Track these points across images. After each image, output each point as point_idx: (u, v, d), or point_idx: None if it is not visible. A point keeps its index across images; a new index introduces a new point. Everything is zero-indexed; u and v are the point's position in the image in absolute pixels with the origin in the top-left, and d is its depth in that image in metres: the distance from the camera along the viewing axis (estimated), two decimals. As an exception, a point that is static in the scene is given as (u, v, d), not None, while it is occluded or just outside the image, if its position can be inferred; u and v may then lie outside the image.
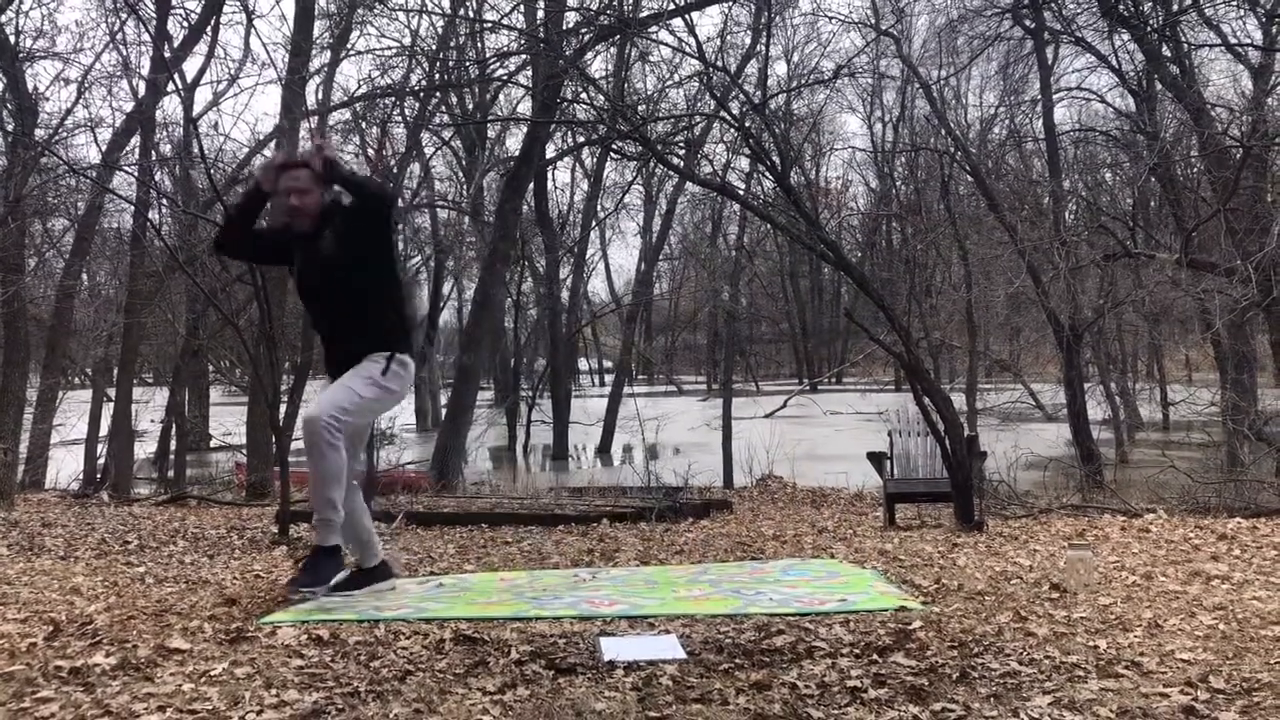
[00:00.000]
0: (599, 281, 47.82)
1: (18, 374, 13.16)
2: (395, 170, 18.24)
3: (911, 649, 3.09)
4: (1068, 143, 18.52)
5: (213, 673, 2.87)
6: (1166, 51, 13.21)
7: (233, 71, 18.38)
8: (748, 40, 19.67)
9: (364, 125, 18.91)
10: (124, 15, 15.08)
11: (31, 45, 14.43)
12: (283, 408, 13.35)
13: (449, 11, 17.73)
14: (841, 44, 34.71)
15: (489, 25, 17.51)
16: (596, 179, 27.19)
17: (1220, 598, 3.81)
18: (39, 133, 13.81)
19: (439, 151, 24.44)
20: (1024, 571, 4.45)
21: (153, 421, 18.79)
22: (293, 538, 6.49)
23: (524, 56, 15.19)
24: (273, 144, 16.11)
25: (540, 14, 15.77)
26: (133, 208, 14.48)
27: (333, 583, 4.03)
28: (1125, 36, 13.93)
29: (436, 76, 16.87)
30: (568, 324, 25.83)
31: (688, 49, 13.55)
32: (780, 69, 28.16)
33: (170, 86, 14.87)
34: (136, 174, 14.01)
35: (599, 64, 20.61)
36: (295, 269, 4.14)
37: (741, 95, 11.86)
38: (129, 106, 15.56)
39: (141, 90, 15.17)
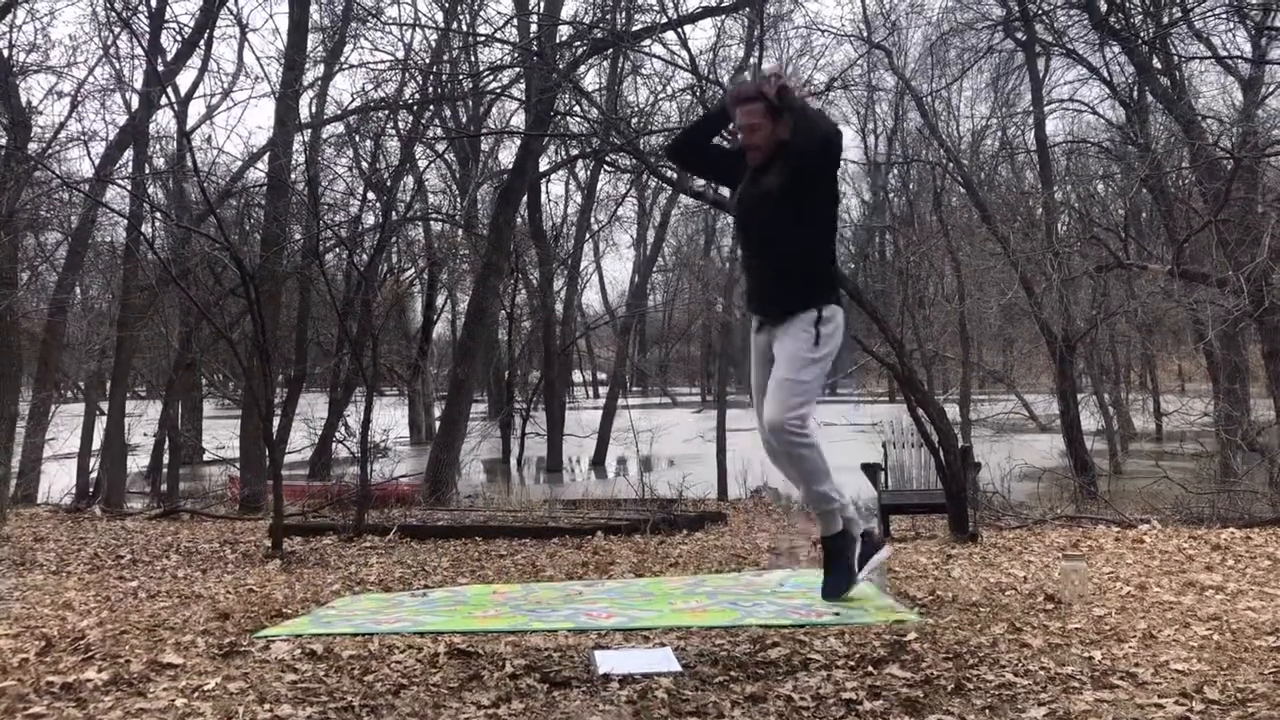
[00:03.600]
0: (593, 294, 47.71)
1: (10, 388, 13.11)
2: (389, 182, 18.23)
3: (906, 661, 3.09)
4: (1060, 154, 18.58)
5: (206, 688, 2.86)
6: (1157, 64, 13.27)
7: (226, 85, 18.35)
8: (741, 53, 19.74)
9: (357, 138, 18.91)
10: (117, 29, 15.11)
11: (25, 59, 14.42)
12: (276, 421, 13.30)
13: (442, 25, 17.77)
14: (835, 57, 34.82)
15: (482, 39, 17.55)
16: (590, 192, 27.21)
17: (1214, 608, 3.81)
18: (32, 146, 13.80)
19: (432, 164, 24.44)
20: (1018, 583, 4.45)
21: (145, 435, 18.68)
22: (286, 551, 6.47)
23: (517, 70, 15.20)
24: (266, 157, 16.09)
25: (534, 28, 15.82)
26: (126, 221, 14.45)
27: (867, 567, 3.95)
28: (1116, 49, 14.00)
29: (430, 90, 16.88)
30: (562, 336, 25.81)
31: (680, 62, 13.58)
32: (773, 82, 28.18)
33: (163, 100, 14.86)
34: (130, 188, 13.98)
35: (592, 77, 20.65)
36: (737, 194, 4.08)
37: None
38: (122, 120, 15.55)
39: (135, 104, 15.17)
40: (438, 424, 18.03)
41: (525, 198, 20.00)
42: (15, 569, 5.92)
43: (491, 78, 15.86)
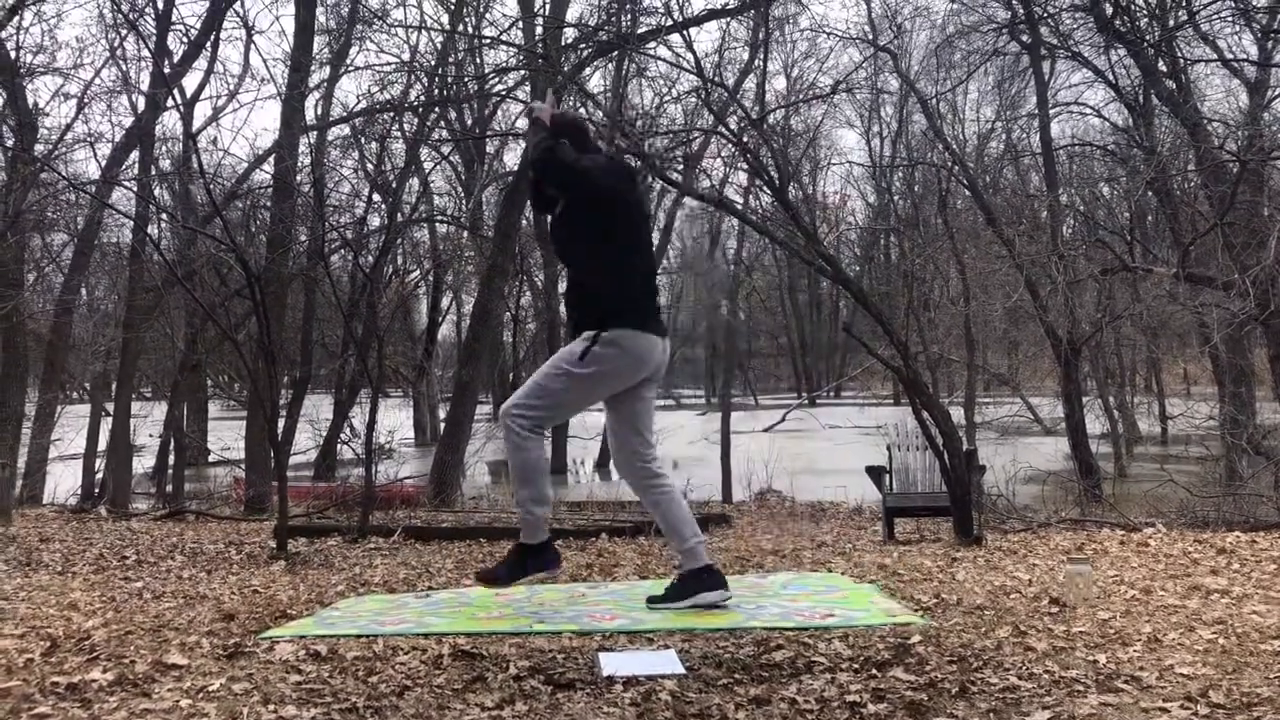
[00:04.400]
0: (597, 296, 47.88)
1: (16, 389, 13.16)
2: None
3: (910, 664, 3.09)
4: (1065, 157, 18.60)
5: (210, 688, 2.86)
6: (1163, 66, 13.26)
7: (232, 87, 18.42)
8: (746, 56, 19.76)
9: (363, 140, 18.95)
10: (124, 31, 15.15)
11: (32, 61, 14.49)
12: (281, 422, 13.33)
13: (448, 27, 17.81)
14: (840, 59, 34.81)
15: (488, 41, 17.59)
16: (595, 194, 27.17)
17: (1220, 612, 3.80)
18: (39, 148, 13.85)
19: (438, 166, 24.51)
20: (1023, 586, 4.44)
21: (151, 436, 18.75)
22: (291, 552, 6.48)
23: (523, 72, 15.23)
24: (271, 159, 16.13)
25: (539, 30, 15.84)
26: (132, 223, 14.50)
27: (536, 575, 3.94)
28: (1121, 51, 14.00)
29: (435, 92, 16.92)
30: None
31: (685, 64, 13.60)
32: (779, 84, 28.26)
33: (170, 102, 14.91)
34: (136, 189, 14.03)
35: (597, 79, 20.68)
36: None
37: (739, 110, 11.90)
38: (128, 122, 15.61)
39: (141, 106, 15.22)
40: (442, 425, 18.05)
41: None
42: (21, 569, 5.93)
43: (497, 80, 15.91)
